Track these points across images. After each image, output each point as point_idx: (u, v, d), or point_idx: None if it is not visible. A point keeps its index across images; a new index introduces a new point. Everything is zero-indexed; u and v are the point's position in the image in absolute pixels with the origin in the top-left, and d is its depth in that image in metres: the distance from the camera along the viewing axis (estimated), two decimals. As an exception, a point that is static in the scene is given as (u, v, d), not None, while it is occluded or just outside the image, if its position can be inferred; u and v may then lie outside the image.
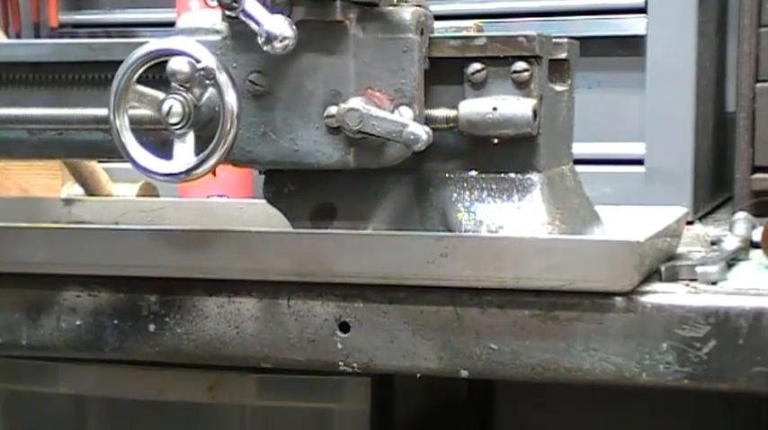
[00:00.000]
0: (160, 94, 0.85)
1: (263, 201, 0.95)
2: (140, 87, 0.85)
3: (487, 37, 0.88)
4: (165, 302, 0.89)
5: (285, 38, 0.82)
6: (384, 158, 0.88)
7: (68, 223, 1.20)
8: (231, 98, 0.83)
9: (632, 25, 1.30)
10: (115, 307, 0.90)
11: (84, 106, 0.92)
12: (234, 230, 0.90)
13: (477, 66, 0.88)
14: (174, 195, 1.31)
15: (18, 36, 1.62)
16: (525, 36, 0.87)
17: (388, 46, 0.87)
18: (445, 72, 0.89)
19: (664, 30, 1.28)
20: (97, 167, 1.29)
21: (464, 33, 0.91)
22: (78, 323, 0.91)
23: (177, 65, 0.83)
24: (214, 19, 0.89)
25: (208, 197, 1.28)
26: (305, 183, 0.93)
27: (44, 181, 1.36)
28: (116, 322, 0.90)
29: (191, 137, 0.85)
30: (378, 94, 0.87)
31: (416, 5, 0.88)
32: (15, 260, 0.91)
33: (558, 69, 0.93)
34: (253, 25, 0.83)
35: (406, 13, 0.87)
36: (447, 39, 0.89)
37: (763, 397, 1.02)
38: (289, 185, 0.93)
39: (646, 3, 1.29)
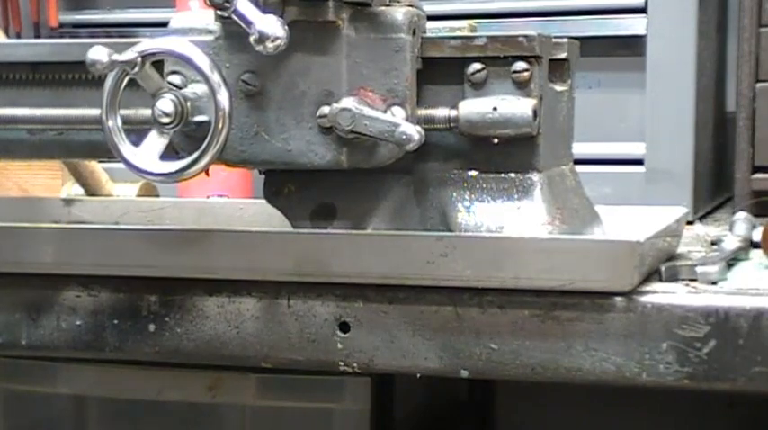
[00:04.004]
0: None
1: (263, 201, 0.95)
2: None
3: (487, 37, 0.88)
4: (165, 302, 0.89)
5: (277, 38, 0.82)
6: (376, 158, 0.88)
7: (68, 223, 1.20)
8: (223, 98, 0.83)
9: (632, 25, 1.30)
10: (115, 307, 0.90)
11: (84, 106, 0.92)
12: (234, 230, 0.90)
13: (477, 66, 0.88)
14: (174, 195, 1.31)
15: (18, 36, 1.62)
16: (525, 36, 0.87)
17: (381, 46, 0.87)
18: (445, 72, 0.89)
19: (664, 30, 1.28)
20: (97, 167, 1.29)
21: (457, 33, 0.91)
22: (78, 323, 0.91)
23: (95, 55, 0.83)
24: (207, 19, 0.90)
25: (208, 197, 1.28)
26: (305, 182, 0.93)
27: (44, 181, 1.36)
28: (116, 322, 0.90)
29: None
30: (370, 93, 0.87)
31: (409, 5, 0.88)
32: (15, 260, 0.91)
33: (558, 69, 0.93)
34: (245, 25, 0.83)
35: (399, 14, 0.87)
36: (447, 39, 0.89)
37: (763, 397, 1.02)
38: (289, 185, 0.93)
39: (646, 3, 1.29)
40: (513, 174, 0.89)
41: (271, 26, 0.82)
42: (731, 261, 0.91)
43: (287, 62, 0.87)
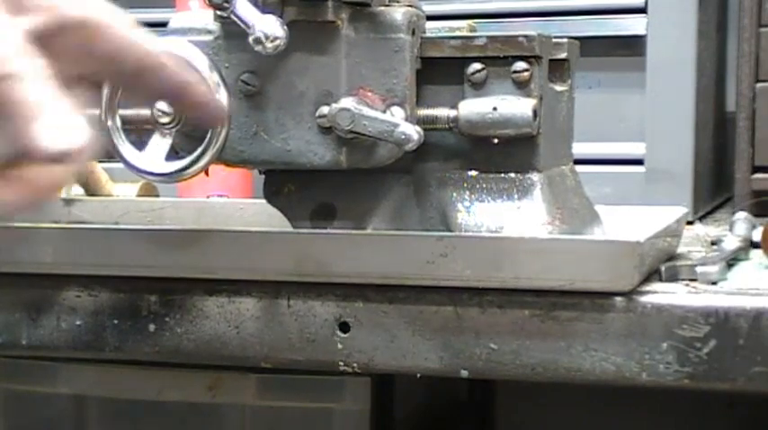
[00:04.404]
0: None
1: (263, 201, 0.95)
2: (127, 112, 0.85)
3: (487, 37, 0.88)
4: (165, 302, 0.89)
5: (276, 38, 0.82)
6: (376, 158, 0.88)
7: (68, 223, 1.20)
8: (222, 98, 0.83)
9: (632, 25, 1.30)
10: (115, 307, 0.90)
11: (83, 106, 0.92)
12: (234, 230, 0.90)
13: (477, 66, 0.88)
14: (174, 195, 1.31)
15: (18, 36, 1.61)
16: (525, 36, 0.87)
17: (380, 46, 0.87)
18: (445, 72, 0.89)
19: (664, 30, 1.28)
20: (97, 167, 1.29)
21: (457, 33, 0.91)
22: (78, 323, 0.91)
23: None
24: (206, 19, 0.90)
25: (208, 197, 1.28)
26: (305, 182, 0.93)
27: (44, 181, 1.36)
28: (116, 322, 0.90)
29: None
30: (369, 93, 0.87)
31: (408, 6, 0.88)
32: (15, 260, 0.91)
33: (558, 69, 0.93)
34: (244, 26, 0.83)
35: (398, 14, 0.87)
36: (447, 39, 0.89)
37: (763, 397, 1.02)
38: (289, 185, 0.93)
39: (646, 3, 1.29)
40: (513, 174, 0.89)
41: (270, 26, 0.82)
42: (731, 261, 0.91)
43: (286, 62, 0.87)
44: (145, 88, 0.79)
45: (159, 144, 0.85)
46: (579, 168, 0.98)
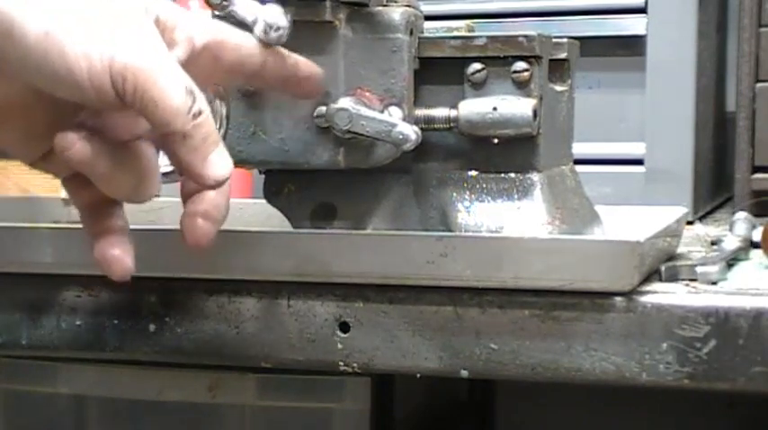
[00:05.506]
0: None
1: (263, 201, 0.95)
2: None
3: (487, 37, 0.88)
4: (165, 302, 0.89)
5: (280, 28, 0.82)
6: (374, 158, 0.88)
7: (68, 223, 1.20)
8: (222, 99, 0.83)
9: (632, 25, 1.30)
10: (115, 307, 0.90)
11: (84, 106, 0.92)
12: (234, 230, 0.90)
13: (477, 66, 0.88)
14: (175, 195, 1.31)
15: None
16: (525, 36, 0.87)
17: (378, 46, 0.87)
18: (445, 72, 0.89)
19: (664, 30, 1.28)
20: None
21: (455, 33, 0.91)
22: (78, 323, 0.91)
23: None
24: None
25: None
26: (305, 182, 0.93)
27: (44, 181, 1.36)
28: (116, 322, 0.90)
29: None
30: (367, 93, 0.87)
31: (406, 6, 0.88)
32: (15, 260, 0.91)
33: (558, 69, 0.93)
34: (246, 21, 0.82)
35: (396, 14, 0.87)
36: (447, 39, 0.89)
37: (763, 397, 1.02)
38: (288, 185, 0.94)
39: (646, 3, 1.29)
40: (513, 174, 0.89)
41: (274, 16, 0.82)
42: (731, 261, 0.91)
43: (285, 62, 0.87)
44: (264, 83, 0.84)
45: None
46: (579, 168, 0.98)
